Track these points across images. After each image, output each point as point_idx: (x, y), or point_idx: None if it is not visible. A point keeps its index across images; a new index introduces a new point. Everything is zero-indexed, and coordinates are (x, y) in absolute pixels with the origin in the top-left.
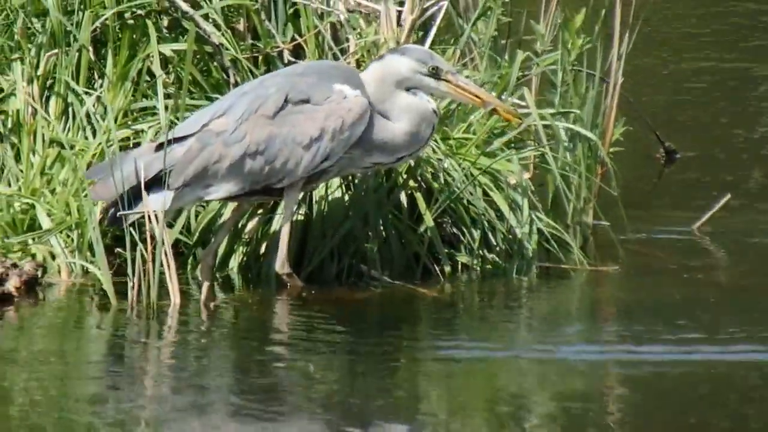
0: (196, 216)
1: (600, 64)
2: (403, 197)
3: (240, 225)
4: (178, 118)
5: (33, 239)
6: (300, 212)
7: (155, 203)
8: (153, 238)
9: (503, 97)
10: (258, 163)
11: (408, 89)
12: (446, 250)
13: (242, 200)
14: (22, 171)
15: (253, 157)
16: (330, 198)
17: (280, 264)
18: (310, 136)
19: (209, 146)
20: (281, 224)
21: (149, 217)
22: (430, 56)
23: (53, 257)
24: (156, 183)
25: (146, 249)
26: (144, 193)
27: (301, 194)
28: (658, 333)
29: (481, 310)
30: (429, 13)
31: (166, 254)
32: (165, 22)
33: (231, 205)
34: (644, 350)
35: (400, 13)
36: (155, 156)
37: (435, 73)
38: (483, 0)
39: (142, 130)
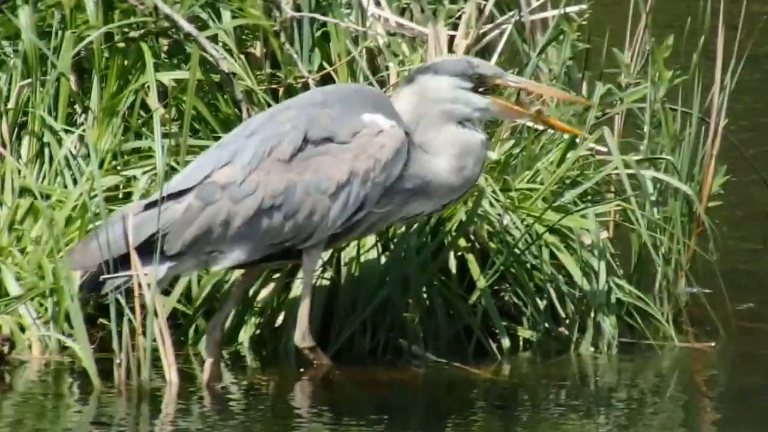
0: (199, 280)
1: (698, 101)
2: (451, 259)
3: (252, 291)
4: (178, 163)
5: None
6: (326, 276)
7: (147, 272)
8: (144, 306)
9: (577, 139)
10: (275, 220)
11: (460, 123)
12: (504, 323)
13: (254, 267)
14: None
15: (269, 213)
16: (362, 259)
17: (301, 336)
18: (338, 181)
19: (213, 203)
20: (302, 290)
21: (139, 281)
22: (469, 64)
23: (23, 330)
24: (149, 248)
25: (136, 319)
26: (134, 257)
27: (327, 254)
28: (764, 425)
29: (547, 397)
30: (488, 38)
31: (160, 326)
32: (164, 45)
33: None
34: None
35: (452, 37)
36: (148, 215)
37: (480, 83)
38: (554, 22)
39: (134, 177)
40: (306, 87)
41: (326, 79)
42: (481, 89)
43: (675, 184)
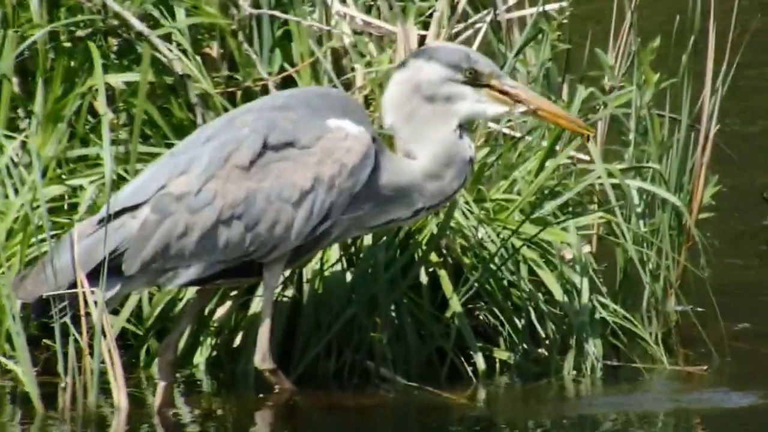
0: (150, 298)
1: (687, 106)
2: (422, 275)
3: (208, 310)
4: (128, 171)
5: None
6: (287, 293)
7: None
8: (92, 326)
9: (557, 147)
10: (236, 231)
11: (461, 127)
12: (479, 344)
13: (212, 285)
14: None
15: (229, 224)
16: (327, 275)
17: (261, 358)
18: (301, 188)
19: (170, 216)
20: (262, 308)
21: (86, 299)
22: (466, 57)
23: None
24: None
25: (83, 340)
26: (80, 273)
27: (288, 271)
28: None
29: (526, 424)
30: (462, 38)
31: (108, 347)
32: (113, 45)
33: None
34: None
35: (423, 37)
36: (99, 236)
37: (474, 79)
38: (533, 20)
39: (81, 187)
40: (266, 90)
41: (288, 82)
42: (473, 87)
43: (663, 194)
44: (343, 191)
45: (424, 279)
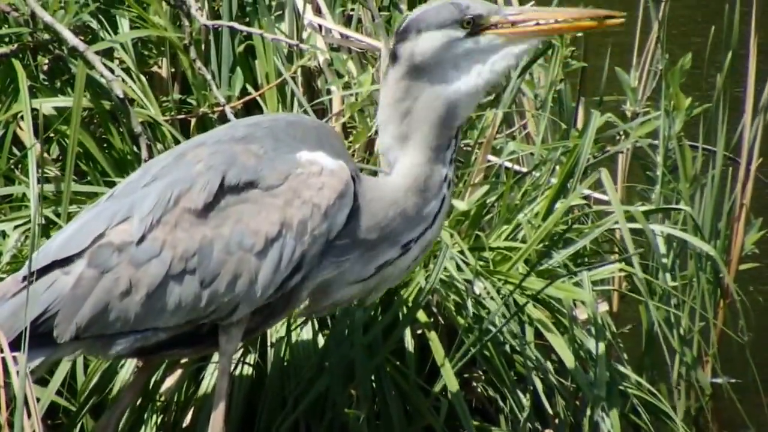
0: (86, 366)
1: (724, 136)
2: (408, 339)
3: (153, 381)
4: (60, 215)
5: None
6: (248, 360)
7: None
8: (12, 399)
9: (568, 184)
10: (189, 288)
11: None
12: (476, 423)
13: (160, 355)
14: None
15: (180, 280)
16: (294, 339)
17: None
18: (266, 235)
19: (109, 271)
20: (217, 379)
21: (6, 367)
22: (456, 7)
23: None
24: (35, 332)
25: (2, 416)
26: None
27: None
28: None
29: None
30: None
31: (34, 426)
32: (44, 64)
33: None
34: None
35: None
36: (23, 297)
37: (474, 28)
38: None
39: (3, 233)
40: (224, 118)
41: (250, 108)
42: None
43: (694, 242)
44: (317, 238)
45: (409, 343)
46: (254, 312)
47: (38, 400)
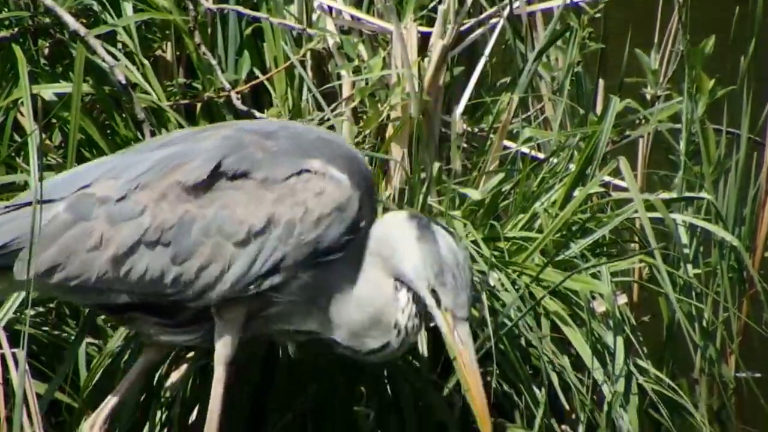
0: (88, 361)
1: (749, 119)
2: (421, 334)
3: (158, 375)
4: None
5: None
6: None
7: None
8: (10, 392)
9: (587, 171)
10: (158, 260)
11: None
12: (491, 419)
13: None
14: None
15: (151, 247)
16: None
17: None
18: (249, 227)
19: (85, 220)
20: (212, 387)
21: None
22: (440, 270)
23: None
24: None
25: None
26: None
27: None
28: None
29: None
30: (473, 37)
31: (32, 416)
32: (44, 48)
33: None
34: None
35: (425, 36)
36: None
37: (436, 298)
38: (558, 15)
39: None
40: (229, 103)
41: (257, 92)
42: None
43: (717, 231)
44: (303, 245)
45: (422, 339)
46: (248, 319)
47: (39, 396)
